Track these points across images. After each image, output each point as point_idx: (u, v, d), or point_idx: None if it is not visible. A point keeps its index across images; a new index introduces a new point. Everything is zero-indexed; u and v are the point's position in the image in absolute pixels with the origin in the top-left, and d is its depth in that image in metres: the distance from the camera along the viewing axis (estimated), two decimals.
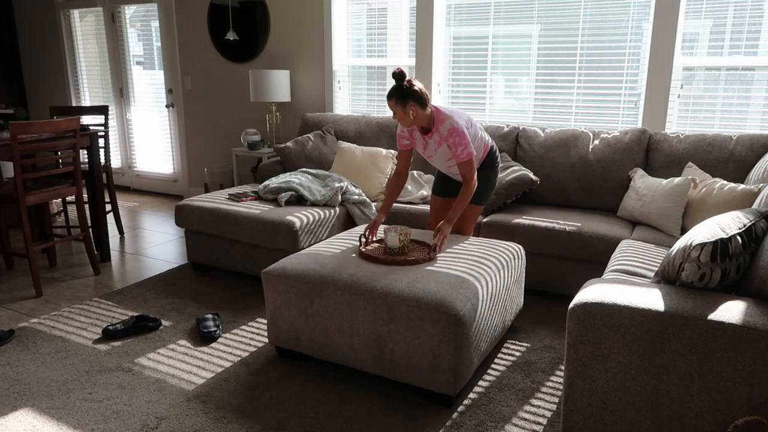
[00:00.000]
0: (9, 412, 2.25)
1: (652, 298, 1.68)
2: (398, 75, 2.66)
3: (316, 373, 2.54)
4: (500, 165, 3.00)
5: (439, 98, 4.46)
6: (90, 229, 4.06)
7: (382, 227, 3.09)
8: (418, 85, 2.69)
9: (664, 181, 3.16)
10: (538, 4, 3.97)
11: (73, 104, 6.58)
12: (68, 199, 5.61)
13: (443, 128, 2.74)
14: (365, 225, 3.14)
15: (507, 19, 4.10)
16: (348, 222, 3.69)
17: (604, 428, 1.78)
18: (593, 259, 3.12)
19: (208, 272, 3.81)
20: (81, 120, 4.93)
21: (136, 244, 4.45)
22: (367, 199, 3.70)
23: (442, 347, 2.19)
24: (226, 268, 3.68)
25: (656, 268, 2.39)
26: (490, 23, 4.17)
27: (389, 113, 4.72)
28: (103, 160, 4.53)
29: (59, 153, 5.23)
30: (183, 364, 2.62)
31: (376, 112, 4.78)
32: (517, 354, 2.72)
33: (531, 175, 3.51)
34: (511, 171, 3.56)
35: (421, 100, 2.69)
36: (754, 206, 2.17)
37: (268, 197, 3.70)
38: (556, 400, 2.34)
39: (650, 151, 3.50)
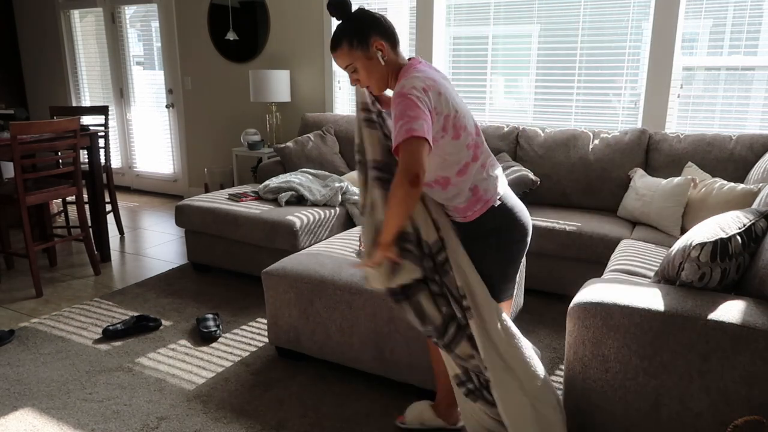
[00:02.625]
0: (9, 412, 2.25)
1: (652, 298, 1.68)
2: (337, 3, 1.67)
3: (316, 373, 2.54)
4: (519, 233, 1.79)
5: None
6: (90, 229, 4.05)
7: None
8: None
9: (664, 181, 3.16)
10: (538, 4, 3.97)
11: (73, 104, 6.58)
12: (68, 199, 5.61)
13: (399, 84, 1.65)
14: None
15: (507, 19, 4.10)
16: (348, 222, 3.69)
17: (604, 428, 1.78)
18: (593, 259, 3.12)
19: (208, 272, 3.81)
20: (81, 120, 4.93)
21: (136, 244, 4.45)
22: None
23: None
24: (226, 268, 3.68)
25: (656, 268, 2.39)
26: (490, 23, 4.17)
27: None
28: (103, 161, 4.53)
29: (59, 153, 5.23)
30: (183, 364, 2.62)
31: None
32: None
33: (531, 175, 3.51)
34: (511, 171, 3.56)
35: (387, 31, 1.71)
36: (754, 206, 2.17)
37: (268, 197, 3.70)
38: None
39: (650, 151, 3.51)
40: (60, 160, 4.32)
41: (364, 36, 1.67)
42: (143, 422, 2.19)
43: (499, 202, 1.75)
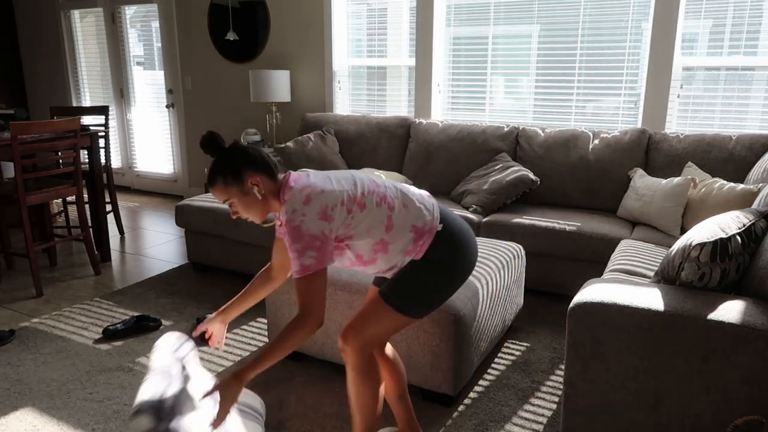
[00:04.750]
0: (10, 412, 2.25)
1: (652, 298, 1.69)
2: (208, 138, 1.65)
3: (316, 373, 2.55)
4: (463, 252, 1.77)
5: (439, 98, 4.46)
6: (90, 229, 4.05)
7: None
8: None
9: (664, 181, 3.16)
10: (538, 4, 3.97)
11: (74, 104, 6.58)
12: (68, 199, 5.61)
13: (283, 210, 1.63)
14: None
15: (507, 19, 4.10)
16: None
17: (604, 428, 1.78)
18: (593, 258, 3.12)
19: (208, 272, 3.81)
20: (81, 120, 4.93)
21: (136, 244, 4.45)
22: None
23: (442, 347, 2.19)
24: (226, 268, 3.68)
25: (656, 268, 2.39)
26: (490, 23, 4.17)
27: (389, 113, 4.72)
28: (103, 161, 4.54)
29: (60, 153, 5.23)
30: None
31: (376, 112, 4.78)
32: (517, 354, 2.72)
33: (531, 175, 3.51)
34: (511, 171, 3.56)
35: (262, 164, 1.68)
36: (754, 206, 2.17)
37: None
38: (556, 400, 2.35)
39: (650, 151, 3.51)
40: (60, 160, 4.33)
41: (238, 172, 1.65)
42: None
43: (440, 226, 1.74)
